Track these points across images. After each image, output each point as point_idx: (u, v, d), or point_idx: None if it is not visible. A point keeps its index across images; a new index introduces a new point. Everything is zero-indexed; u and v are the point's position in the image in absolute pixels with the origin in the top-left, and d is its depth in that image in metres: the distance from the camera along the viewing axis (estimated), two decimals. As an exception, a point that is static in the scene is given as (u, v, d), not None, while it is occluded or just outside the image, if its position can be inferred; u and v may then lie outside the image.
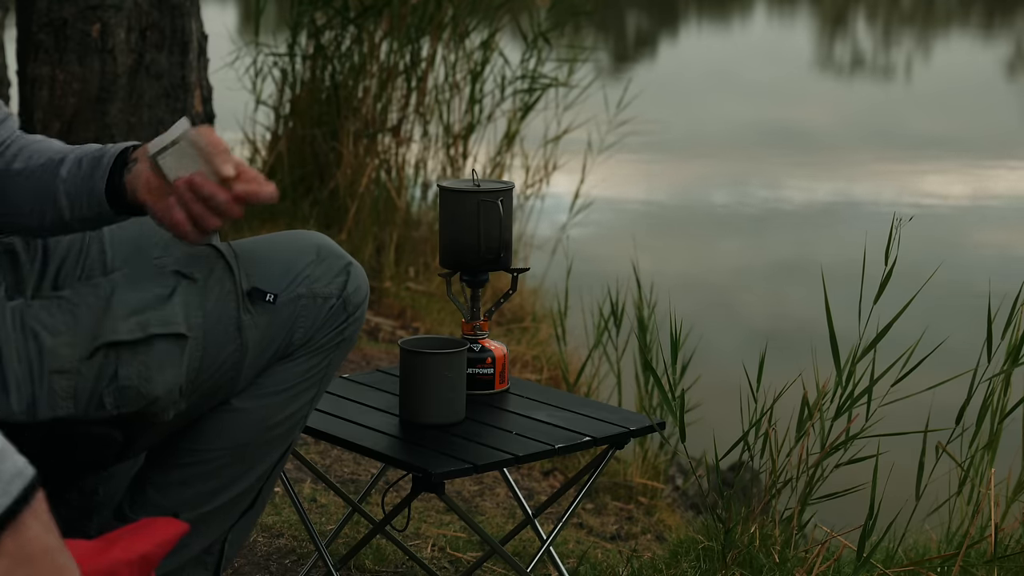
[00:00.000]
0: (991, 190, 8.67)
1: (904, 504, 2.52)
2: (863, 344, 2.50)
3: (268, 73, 5.44)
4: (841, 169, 9.05)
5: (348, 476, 3.15)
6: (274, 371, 1.80)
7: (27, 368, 1.62)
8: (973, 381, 2.52)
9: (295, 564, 2.68)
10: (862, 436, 2.50)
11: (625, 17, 17.94)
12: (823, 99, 12.27)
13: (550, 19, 5.88)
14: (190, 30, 3.76)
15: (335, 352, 1.84)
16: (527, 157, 5.80)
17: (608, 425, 2.19)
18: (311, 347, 1.81)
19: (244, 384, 1.78)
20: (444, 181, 2.30)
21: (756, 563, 2.54)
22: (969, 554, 2.53)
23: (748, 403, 2.55)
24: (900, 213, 2.46)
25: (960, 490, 2.71)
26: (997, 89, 12.81)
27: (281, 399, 1.81)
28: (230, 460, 1.79)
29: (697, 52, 15.61)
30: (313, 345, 1.81)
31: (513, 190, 2.30)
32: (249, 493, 1.84)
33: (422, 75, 5.44)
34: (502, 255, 2.29)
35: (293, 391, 1.82)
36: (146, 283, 1.70)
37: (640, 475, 3.48)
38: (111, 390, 1.65)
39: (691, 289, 6.05)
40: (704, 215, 7.95)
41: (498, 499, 3.14)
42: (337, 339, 1.83)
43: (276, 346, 1.78)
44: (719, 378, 3.29)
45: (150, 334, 1.67)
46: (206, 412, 1.78)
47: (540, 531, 2.45)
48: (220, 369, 1.73)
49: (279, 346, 1.78)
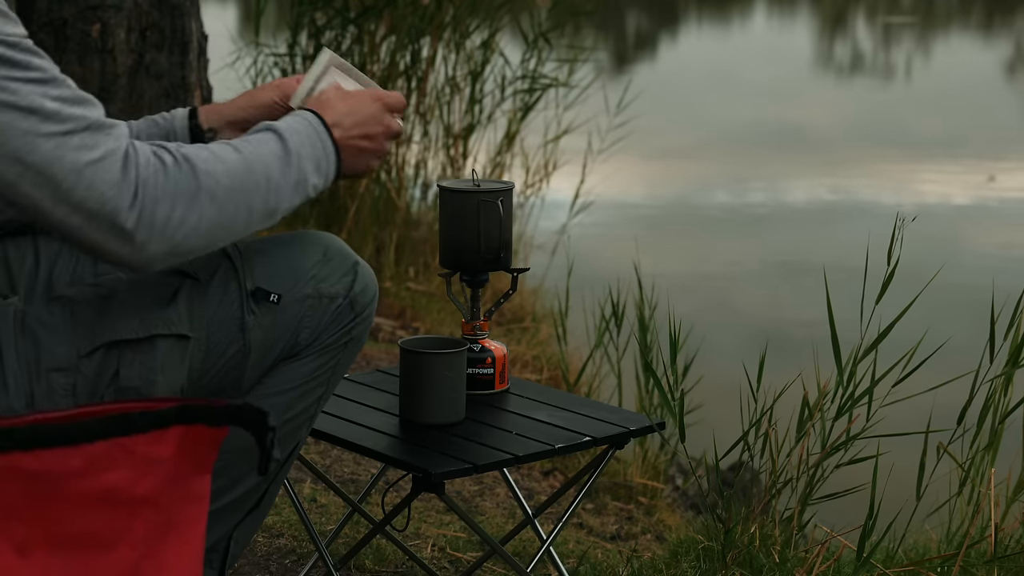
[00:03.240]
0: (992, 190, 8.67)
1: (904, 504, 2.52)
2: (864, 344, 2.49)
3: (268, 73, 5.44)
4: (841, 169, 9.05)
5: (348, 476, 3.15)
6: (280, 371, 1.80)
7: (26, 366, 1.62)
8: (975, 382, 2.51)
9: (295, 564, 2.68)
10: (863, 436, 2.49)
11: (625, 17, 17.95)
12: (823, 99, 12.27)
13: (550, 19, 5.88)
14: (190, 30, 3.76)
15: (343, 352, 1.83)
16: (527, 157, 5.80)
17: (608, 425, 2.19)
18: (317, 347, 1.81)
19: (249, 384, 1.77)
20: (444, 181, 2.30)
21: (756, 563, 2.53)
22: (969, 554, 2.53)
23: (748, 403, 2.55)
24: (902, 213, 2.46)
25: (960, 490, 2.70)
26: (997, 89, 12.82)
27: (287, 399, 1.81)
28: (235, 460, 1.79)
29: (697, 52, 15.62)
30: (319, 345, 1.81)
31: (513, 190, 2.30)
32: (255, 492, 1.84)
33: (422, 75, 5.44)
34: (502, 255, 2.28)
35: (299, 391, 1.81)
36: (148, 282, 1.70)
37: (640, 475, 3.47)
38: (112, 390, 1.65)
39: (691, 289, 6.05)
40: (704, 215, 7.95)
41: (498, 499, 3.14)
42: (344, 339, 1.82)
43: (281, 346, 1.78)
44: (719, 378, 3.29)
45: (152, 334, 1.67)
46: None
47: (540, 531, 2.45)
48: (223, 370, 1.73)
49: (284, 346, 1.78)
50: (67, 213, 1.51)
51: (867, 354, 2.50)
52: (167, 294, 1.69)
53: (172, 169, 1.57)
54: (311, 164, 1.70)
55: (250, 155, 1.64)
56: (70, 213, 1.51)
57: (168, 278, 1.70)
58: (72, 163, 1.49)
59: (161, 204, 1.55)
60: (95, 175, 1.51)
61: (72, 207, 1.51)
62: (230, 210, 1.60)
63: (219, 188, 1.60)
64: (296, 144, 1.69)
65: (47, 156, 1.48)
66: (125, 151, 1.54)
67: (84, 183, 1.50)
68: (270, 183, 1.64)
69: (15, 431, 1.23)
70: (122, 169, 1.52)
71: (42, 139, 1.48)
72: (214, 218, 1.59)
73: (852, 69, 14.36)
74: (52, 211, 1.51)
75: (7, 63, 1.46)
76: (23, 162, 1.47)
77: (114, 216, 1.52)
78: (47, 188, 1.49)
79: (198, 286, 1.72)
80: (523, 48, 5.76)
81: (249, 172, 1.63)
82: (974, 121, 10.85)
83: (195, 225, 1.57)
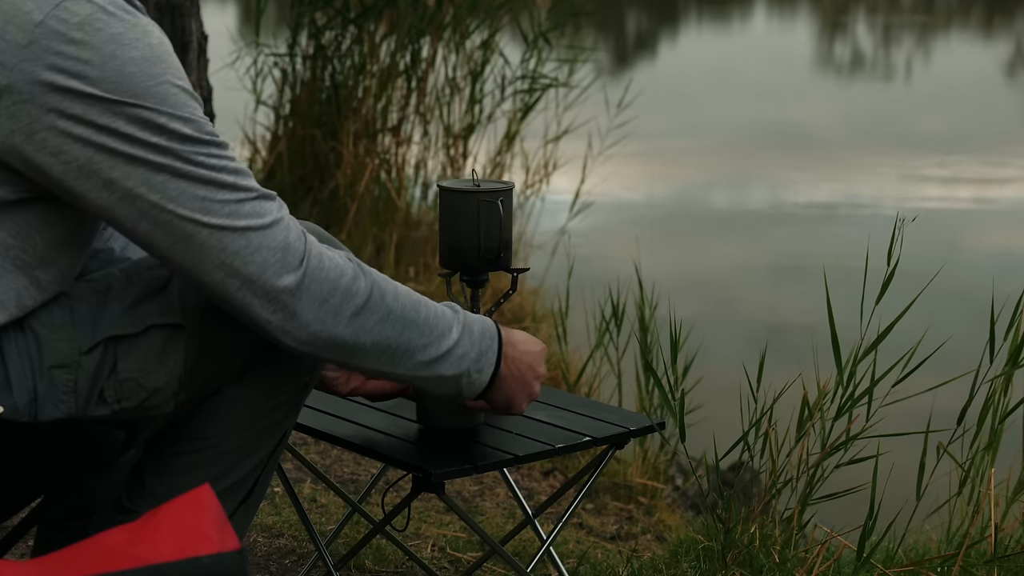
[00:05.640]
0: (992, 191, 8.67)
1: (904, 504, 2.52)
2: (864, 345, 2.49)
3: (268, 73, 5.44)
4: (841, 169, 9.05)
5: (348, 476, 3.15)
6: (268, 358, 1.80)
7: (28, 364, 1.63)
8: (975, 382, 2.51)
9: (295, 564, 2.68)
10: (862, 436, 2.49)
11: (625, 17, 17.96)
12: (823, 99, 12.27)
13: (550, 19, 5.88)
14: (190, 30, 3.76)
15: None
16: (527, 157, 5.81)
17: (608, 425, 2.19)
18: None
19: (239, 372, 1.78)
20: (444, 181, 2.29)
21: (756, 563, 2.54)
22: (969, 554, 2.53)
23: (748, 403, 2.55)
24: (902, 213, 2.46)
25: (960, 490, 2.70)
26: (997, 89, 12.82)
27: (275, 384, 1.82)
28: (226, 448, 1.80)
29: (697, 52, 15.62)
30: None
31: (513, 190, 2.29)
32: (247, 481, 1.84)
33: (422, 75, 5.44)
34: (502, 255, 2.28)
35: (287, 376, 1.82)
36: (142, 275, 1.72)
37: (640, 475, 3.48)
38: (111, 383, 1.66)
39: (691, 289, 6.05)
40: (704, 215, 7.96)
41: (498, 499, 3.14)
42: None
43: None
44: (719, 378, 3.29)
45: (148, 326, 1.68)
46: (202, 400, 1.78)
47: (540, 531, 2.45)
48: (218, 357, 1.74)
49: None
50: (224, 277, 1.65)
51: (867, 354, 2.50)
52: (159, 285, 1.71)
53: (343, 258, 1.71)
54: (473, 351, 1.83)
55: (425, 303, 1.78)
56: (227, 277, 1.65)
57: (159, 270, 1.72)
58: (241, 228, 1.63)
59: (324, 282, 1.68)
60: (262, 240, 1.64)
61: (232, 271, 1.64)
62: (387, 329, 1.73)
63: (384, 300, 1.73)
64: (470, 320, 1.83)
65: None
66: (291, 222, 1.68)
67: (252, 247, 1.64)
68: (432, 333, 1.78)
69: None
70: (287, 234, 1.66)
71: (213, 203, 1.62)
72: (372, 325, 1.72)
73: (852, 69, 14.36)
74: (211, 274, 1.64)
75: (192, 141, 1.60)
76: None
77: (275, 279, 1.65)
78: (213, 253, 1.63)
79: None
80: (523, 48, 5.76)
81: (416, 310, 1.76)
82: (974, 121, 10.85)
83: (356, 317, 1.71)
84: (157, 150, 1.58)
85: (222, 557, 1.29)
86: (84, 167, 1.57)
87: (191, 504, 1.33)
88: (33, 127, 1.55)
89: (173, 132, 1.59)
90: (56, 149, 1.56)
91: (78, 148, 1.56)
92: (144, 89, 1.57)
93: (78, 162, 1.57)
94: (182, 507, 1.32)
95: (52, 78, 1.54)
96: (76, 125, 1.56)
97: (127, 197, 1.59)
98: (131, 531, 1.31)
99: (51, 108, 1.54)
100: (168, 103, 1.59)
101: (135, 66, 1.57)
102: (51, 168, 1.57)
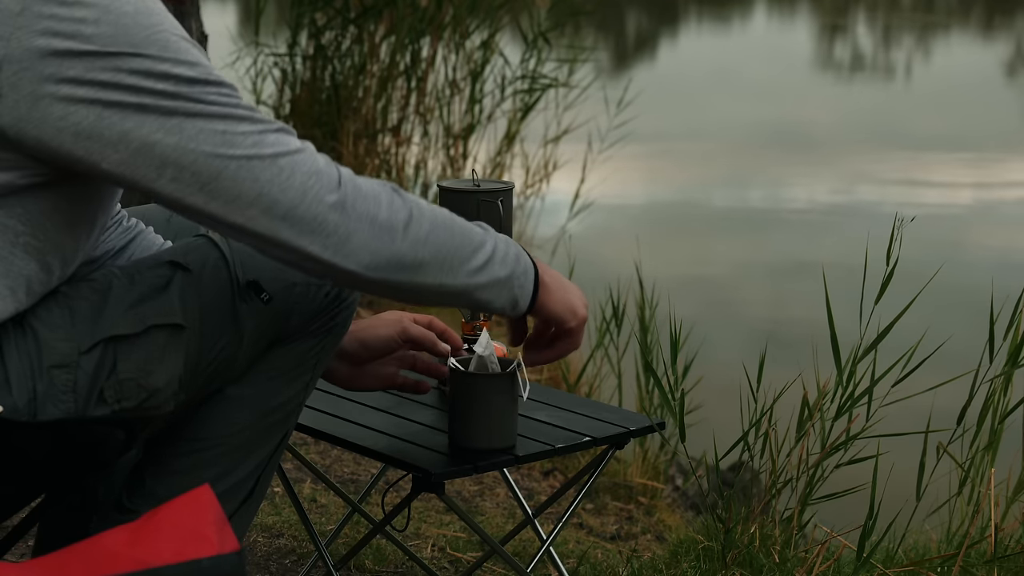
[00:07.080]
0: (992, 190, 8.67)
1: (904, 504, 2.52)
2: (864, 344, 2.49)
3: (268, 73, 5.45)
4: (841, 169, 9.05)
5: (348, 476, 3.15)
6: (268, 358, 1.80)
7: (27, 363, 1.62)
8: (974, 382, 2.51)
9: (295, 564, 2.68)
10: (862, 436, 2.49)
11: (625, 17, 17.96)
12: (823, 99, 12.27)
13: (550, 19, 5.88)
14: (190, 30, 3.76)
15: (327, 338, 1.84)
16: (527, 157, 5.81)
17: (608, 425, 2.19)
18: (304, 333, 1.82)
19: (240, 372, 1.78)
20: (444, 181, 2.29)
21: (756, 563, 2.53)
22: (969, 554, 2.53)
23: (748, 403, 2.55)
24: (901, 213, 2.46)
25: (960, 490, 2.70)
26: (997, 89, 12.82)
27: (276, 385, 1.81)
28: (227, 448, 1.79)
29: (697, 52, 15.62)
30: (306, 331, 1.82)
31: (513, 190, 2.29)
32: (247, 482, 1.84)
33: (422, 75, 5.44)
34: (502, 255, 2.28)
35: (287, 377, 1.82)
36: (143, 275, 1.71)
37: (640, 475, 3.48)
38: (111, 383, 1.65)
39: (691, 289, 6.05)
40: (704, 215, 7.96)
41: (498, 499, 3.14)
42: (329, 324, 1.83)
43: (272, 333, 1.79)
44: (719, 378, 3.29)
45: (148, 326, 1.67)
46: (202, 401, 1.78)
47: (540, 531, 2.45)
48: (218, 358, 1.74)
49: (275, 333, 1.79)
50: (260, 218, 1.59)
51: (867, 354, 2.50)
52: (160, 285, 1.70)
53: (376, 181, 1.65)
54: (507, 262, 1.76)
55: (448, 211, 1.72)
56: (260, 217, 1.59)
57: (160, 270, 1.71)
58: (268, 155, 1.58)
59: (368, 198, 1.61)
60: (295, 165, 1.58)
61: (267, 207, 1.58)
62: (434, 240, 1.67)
63: (422, 210, 1.67)
64: (499, 240, 1.76)
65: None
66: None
67: (285, 174, 1.58)
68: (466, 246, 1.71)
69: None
70: (316, 159, 1.61)
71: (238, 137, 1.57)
72: (425, 235, 1.66)
73: (852, 69, 14.36)
74: (249, 213, 1.58)
75: (200, 83, 1.56)
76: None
77: (316, 204, 1.58)
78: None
79: (190, 276, 1.72)
80: (523, 48, 5.76)
81: (450, 216, 1.71)
82: (974, 121, 10.85)
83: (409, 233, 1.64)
84: (166, 96, 1.53)
85: (221, 559, 1.29)
86: (94, 127, 1.52)
87: (191, 505, 1.33)
88: (36, 95, 1.51)
89: (179, 77, 1.54)
90: (62, 115, 1.52)
91: (84, 109, 1.52)
92: (143, 38, 1.53)
93: (87, 123, 1.52)
94: (182, 508, 1.32)
95: (48, 43, 1.51)
96: (79, 87, 1.52)
97: (144, 147, 1.54)
98: (131, 532, 1.31)
99: (49, 75, 1.51)
100: (170, 49, 1.54)
101: (130, 19, 1.53)
102: (59, 140, 1.53)
